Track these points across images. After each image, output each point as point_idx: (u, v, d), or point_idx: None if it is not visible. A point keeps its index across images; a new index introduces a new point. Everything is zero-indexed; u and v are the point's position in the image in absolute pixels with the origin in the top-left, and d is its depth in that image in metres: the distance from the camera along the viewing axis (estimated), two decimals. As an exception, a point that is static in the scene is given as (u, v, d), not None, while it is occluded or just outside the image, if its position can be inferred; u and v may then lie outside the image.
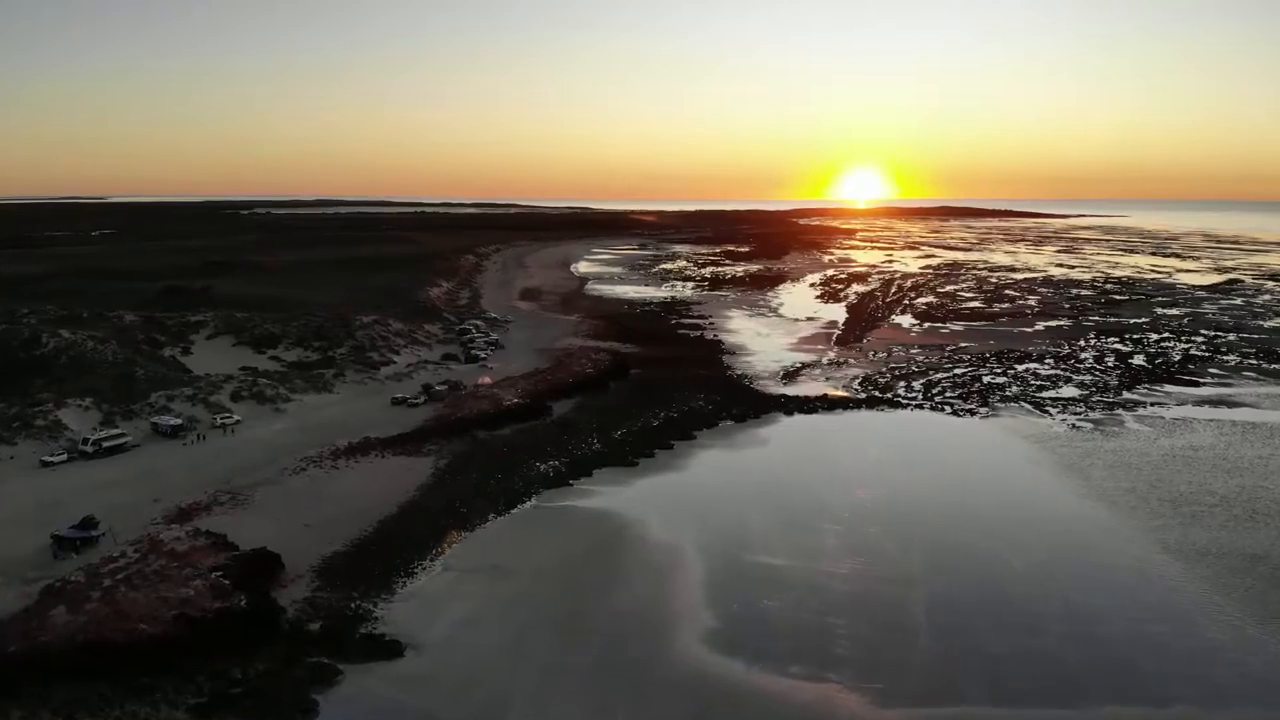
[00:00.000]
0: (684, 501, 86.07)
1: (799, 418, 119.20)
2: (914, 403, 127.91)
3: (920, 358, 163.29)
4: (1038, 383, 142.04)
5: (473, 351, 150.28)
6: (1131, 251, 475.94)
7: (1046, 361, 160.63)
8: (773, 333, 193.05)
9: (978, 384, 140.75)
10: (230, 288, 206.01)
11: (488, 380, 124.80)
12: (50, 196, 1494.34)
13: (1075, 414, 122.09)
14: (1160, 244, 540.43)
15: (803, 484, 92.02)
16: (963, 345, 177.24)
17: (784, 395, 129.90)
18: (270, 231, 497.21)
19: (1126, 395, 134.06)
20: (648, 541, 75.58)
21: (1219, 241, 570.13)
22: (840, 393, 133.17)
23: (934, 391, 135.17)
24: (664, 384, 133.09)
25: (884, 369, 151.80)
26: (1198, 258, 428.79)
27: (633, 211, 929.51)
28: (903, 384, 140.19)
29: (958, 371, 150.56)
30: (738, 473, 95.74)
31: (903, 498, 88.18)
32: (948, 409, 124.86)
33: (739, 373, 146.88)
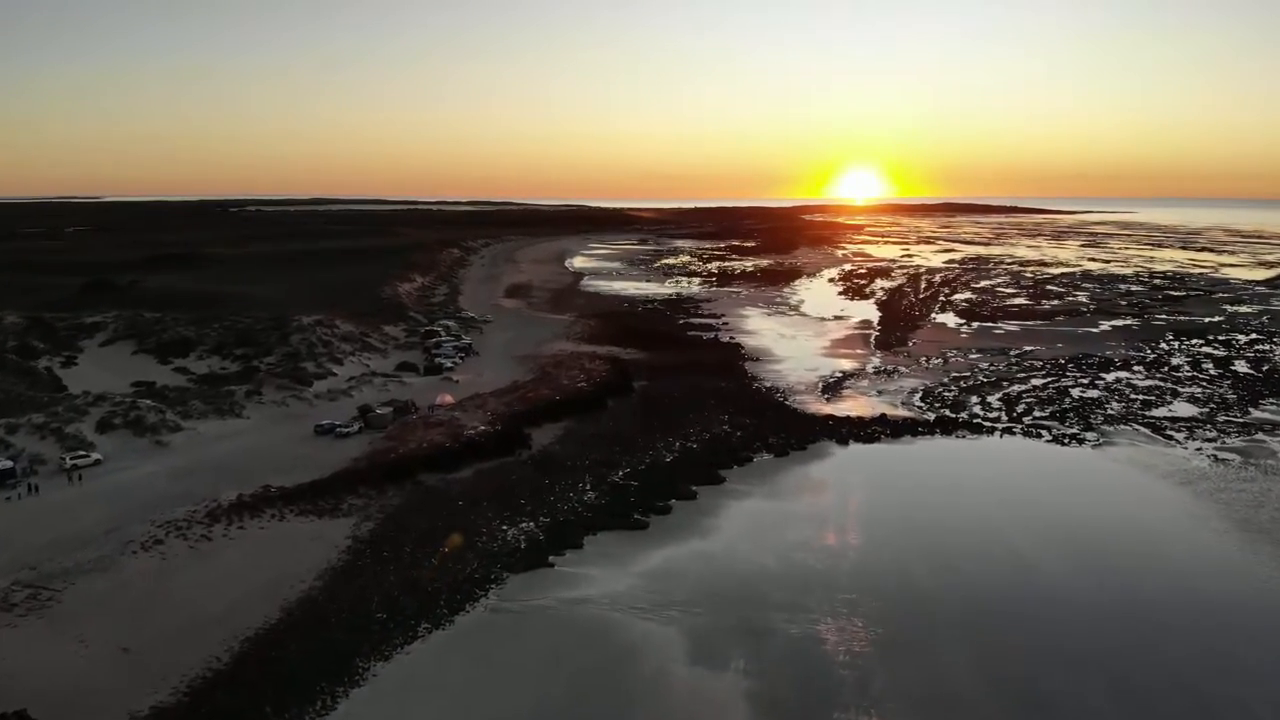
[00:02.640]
0: (722, 594, 57.20)
1: (857, 448, 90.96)
2: (999, 425, 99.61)
3: (984, 364, 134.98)
4: (1139, 397, 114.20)
5: (437, 359, 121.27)
6: (1160, 245, 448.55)
7: (1135, 369, 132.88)
8: (799, 334, 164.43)
9: (1067, 399, 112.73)
10: (164, 282, 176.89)
11: (448, 399, 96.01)
12: (50, 196, 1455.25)
13: (1209, 441, 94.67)
14: (1185, 238, 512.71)
15: (891, 560, 63.38)
16: (1027, 349, 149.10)
17: (831, 416, 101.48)
18: (251, 226, 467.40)
19: (1256, 414, 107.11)
20: (672, 682, 46.85)
21: (1243, 236, 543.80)
22: (901, 412, 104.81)
23: (1018, 410, 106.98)
24: (676, 401, 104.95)
25: (945, 379, 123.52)
26: (1232, 251, 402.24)
27: (632, 208, 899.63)
28: (975, 399, 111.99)
29: (1035, 382, 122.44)
30: (792, 541, 66.63)
31: (1045, 586, 59.69)
32: (1044, 434, 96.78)
33: (768, 384, 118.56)
